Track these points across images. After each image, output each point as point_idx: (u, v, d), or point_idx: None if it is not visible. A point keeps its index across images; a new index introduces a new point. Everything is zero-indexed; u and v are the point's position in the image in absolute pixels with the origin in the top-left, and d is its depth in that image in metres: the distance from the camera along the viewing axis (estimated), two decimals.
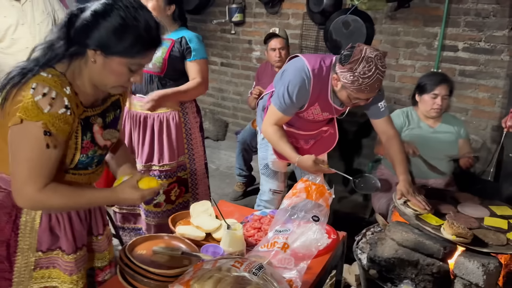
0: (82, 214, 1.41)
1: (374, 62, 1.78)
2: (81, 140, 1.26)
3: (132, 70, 1.22)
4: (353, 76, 1.79)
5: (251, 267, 1.20)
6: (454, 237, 1.72)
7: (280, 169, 2.40)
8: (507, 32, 2.95)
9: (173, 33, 2.30)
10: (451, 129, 2.56)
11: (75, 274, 1.37)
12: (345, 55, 1.84)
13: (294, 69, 2.00)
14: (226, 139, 4.75)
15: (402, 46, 3.39)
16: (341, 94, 1.95)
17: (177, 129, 2.39)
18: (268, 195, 2.43)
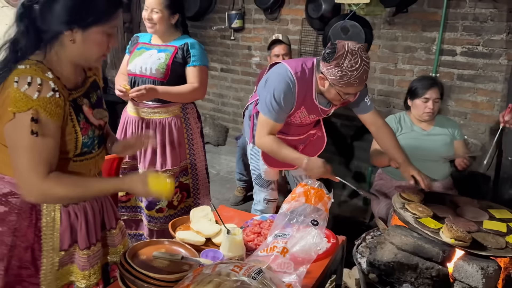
0: (96, 208, 1.42)
1: (359, 54, 1.80)
2: (77, 122, 1.27)
3: (109, 35, 1.24)
4: (341, 71, 1.80)
5: (250, 271, 1.21)
6: (453, 240, 1.73)
7: (273, 177, 2.41)
8: (505, 36, 2.97)
9: (176, 40, 2.34)
10: (445, 131, 2.58)
11: (87, 270, 1.39)
12: (328, 53, 1.85)
13: (277, 75, 2.00)
14: (227, 144, 4.77)
15: (400, 51, 3.41)
16: (329, 93, 1.96)
17: (179, 134, 2.41)
18: (262, 204, 2.44)
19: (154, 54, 2.32)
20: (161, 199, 2.38)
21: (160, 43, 2.34)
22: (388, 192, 2.54)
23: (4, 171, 1.26)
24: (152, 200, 2.40)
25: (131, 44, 2.46)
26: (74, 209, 1.34)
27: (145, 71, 2.31)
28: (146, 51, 2.35)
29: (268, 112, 2.01)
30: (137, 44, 2.40)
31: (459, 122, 3.23)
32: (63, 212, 1.32)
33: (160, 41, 2.35)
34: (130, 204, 2.52)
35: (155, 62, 2.30)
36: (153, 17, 2.27)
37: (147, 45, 2.38)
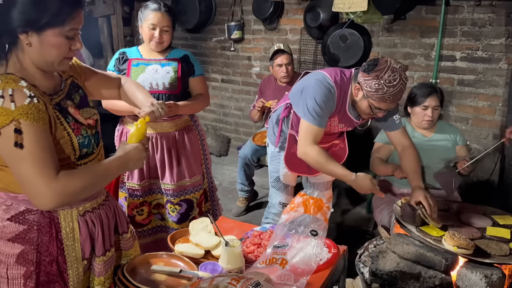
0: (110, 214, 1.42)
1: (399, 72, 1.83)
2: (67, 123, 1.25)
3: (69, 38, 1.20)
4: (378, 84, 1.82)
5: (247, 284, 1.20)
6: (456, 248, 1.70)
7: (291, 182, 2.42)
8: (504, 41, 2.96)
9: (172, 52, 2.34)
10: (447, 137, 2.57)
11: (102, 276, 1.38)
12: (369, 65, 1.88)
13: (315, 81, 2.01)
14: (229, 155, 4.77)
15: (400, 58, 3.40)
16: (361, 103, 1.97)
17: (195, 140, 2.45)
18: (277, 208, 2.43)
19: (159, 68, 2.29)
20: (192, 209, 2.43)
21: (157, 57, 2.31)
22: (391, 200, 2.51)
23: (17, 190, 1.24)
24: (183, 212, 2.40)
25: (119, 61, 2.33)
26: (91, 217, 1.34)
27: (156, 87, 2.28)
28: (147, 66, 2.30)
29: (311, 118, 2.00)
30: (129, 61, 2.30)
31: (460, 127, 3.21)
32: (80, 221, 1.32)
33: (155, 55, 2.31)
34: (151, 225, 2.49)
35: (165, 76, 2.28)
36: (164, 37, 2.24)
37: (143, 60, 2.31)
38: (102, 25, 4.83)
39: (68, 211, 1.29)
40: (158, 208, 2.47)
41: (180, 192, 2.39)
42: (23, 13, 1.14)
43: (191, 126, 2.45)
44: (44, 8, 1.14)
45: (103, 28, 4.82)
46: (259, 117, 3.34)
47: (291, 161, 2.26)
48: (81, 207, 1.32)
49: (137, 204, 2.38)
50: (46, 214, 1.26)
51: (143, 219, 2.43)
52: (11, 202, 1.26)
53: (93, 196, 1.36)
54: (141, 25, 2.25)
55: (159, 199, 2.45)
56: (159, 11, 2.19)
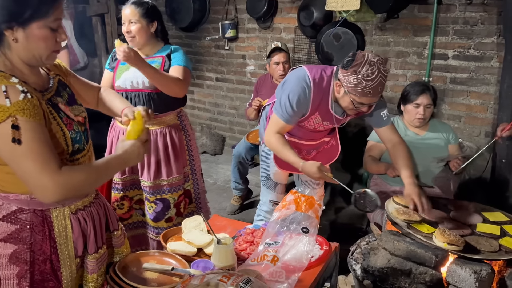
0: (101, 211, 1.43)
1: (377, 65, 1.82)
2: (60, 118, 1.26)
3: (53, 29, 1.20)
4: (357, 79, 1.83)
5: (238, 281, 1.21)
6: (446, 244, 1.72)
7: (281, 180, 2.42)
8: (496, 39, 2.98)
9: (161, 51, 2.33)
10: (439, 136, 2.59)
11: (95, 273, 1.39)
12: (347, 61, 1.88)
13: (295, 78, 2.03)
14: (224, 153, 4.77)
15: (393, 56, 3.42)
16: (343, 100, 1.97)
17: (180, 142, 2.42)
18: (268, 206, 2.45)
19: None
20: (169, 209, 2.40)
21: (144, 55, 2.29)
22: (383, 198, 2.52)
23: (8, 189, 1.25)
24: (159, 211, 2.39)
25: (111, 59, 2.39)
26: (83, 215, 1.35)
27: (137, 85, 2.28)
28: None
29: (280, 112, 2.05)
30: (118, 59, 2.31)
31: (453, 125, 3.23)
32: (73, 219, 1.32)
33: (143, 54, 2.29)
34: (132, 220, 2.50)
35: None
36: (132, 30, 2.22)
37: None
38: (96, 24, 4.81)
39: (61, 209, 1.30)
40: (140, 204, 2.48)
41: (156, 190, 2.37)
42: (6, 8, 1.14)
43: (177, 125, 2.42)
44: (26, 1, 1.14)
45: (97, 27, 4.80)
46: (255, 115, 3.34)
47: (279, 159, 2.25)
48: (73, 205, 1.33)
49: (117, 198, 2.39)
50: (38, 213, 1.27)
51: (123, 213, 2.44)
52: (2, 202, 1.26)
53: (84, 194, 1.37)
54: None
55: (141, 195, 2.45)
56: (127, 6, 2.24)
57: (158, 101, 2.29)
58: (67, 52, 3.74)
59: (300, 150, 2.31)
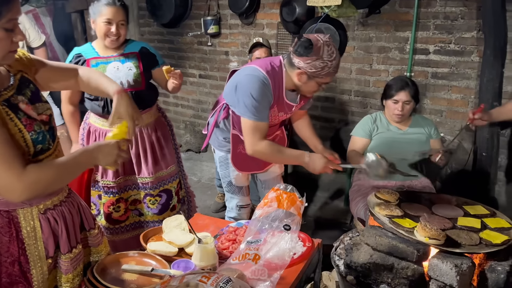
0: (74, 210, 1.40)
1: (331, 44, 1.90)
2: (18, 119, 1.22)
3: (8, 30, 1.16)
4: (322, 62, 1.87)
5: (218, 281, 1.19)
6: (427, 239, 1.73)
7: (244, 183, 2.40)
8: (476, 34, 3.01)
9: (128, 46, 2.30)
10: (421, 131, 2.61)
11: (70, 273, 1.37)
12: (304, 47, 1.87)
13: (249, 77, 1.99)
14: (208, 151, 4.73)
15: (375, 52, 3.43)
16: (308, 85, 1.99)
17: (166, 130, 2.47)
18: (235, 211, 2.44)
19: (120, 66, 2.24)
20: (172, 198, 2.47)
21: (114, 54, 2.25)
22: (366, 193, 2.54)
23: None
24: (164, 202, 2.44)
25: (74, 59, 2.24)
26: (53, 214, 1.32)
27: (121, 85, 2.25)
28: (107, 65, 2.24)
29: (252, 115, 1.98)
30: (86, 62, 2.22)
31: (435, 120, 3.26)
32: (42, 219, 1.29)
33: (111, 52, 2.25)
34: (129, 221, 2.48)
35: (127, 73, 2.25)
36: (121, 32, 2.18)
37: (101, 59, 2.24)
38: (76, 21, 4.73)
39: (28, 209, 1.26)
40: (135, 204, 2.46)
41: (159, 183, 2.41)
42: None
43: (160, 117, 2.46)
44: None
45: (77, 23, 4.73)
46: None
47: (238, 161, 2.25)
48: (42, 204, 1.29)
49: (113, 201, 2.36)
50: (4, 214, 1.23)
51: (120, 215, 2.42)
52: None
53: (55, 193, 1.34)
54: (94, 20, 2.17)
55: (135, 195, 2.44)
56: (114, 5, 2.13)
57: (143, 98, 2.31)
58: (45, 49, 3.66)
59: None
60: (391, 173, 2.04)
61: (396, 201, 2.10)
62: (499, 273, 1.74)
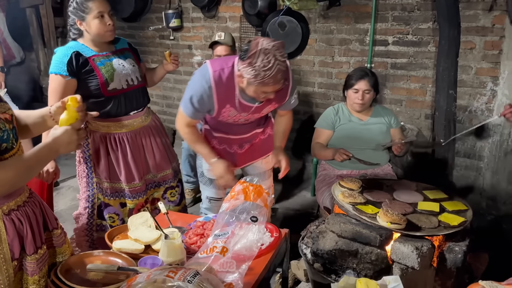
0: (37, 211, 1.38)
1: (272, 53, 1.72)
2: None
3: None
4: (254, 70, 1.74)
5: (185, 275, 1.19)
6: (389, 224, 1.79)
7: None
8: (431, 25, 3.11)
9: (118, 43, 2.28)
10: (382, 120, 2.68)
11: (36, 274, 1.34)
12: (244, 51, 1.78)
13: (198, 75, 1.98)
14: (175, 147, 4.66)
15: (336, 44, 3.49)
16: (248, 90, 1.89)
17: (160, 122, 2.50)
18: (206, 203, 2.44)
19: (123, 62, 2.21)
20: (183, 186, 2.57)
21: (110, 50, 2.21)
22: (332, 182, 2.59)
23: None
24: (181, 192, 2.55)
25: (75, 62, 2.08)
26: (17, 215, 1.29)
27: (132, 82, 2.21)
28: (111, 62, 2.17)
29: (185, 109, 2.03)
30: (89, 60, 2.11)
31: (395, 109, 3.36)
32: (6, 221, 1.26)
33: (106, 48, 2.20)
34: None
35: (133, 70, 2.23)
36: (113, 22, 2.14)
37: (102, 56, 2.17)
38: (31, 16, 4.54)
39: None
40: (154, 203, 2.47)
41: (175, 174, 2.50)
42: None
43: (151, 110, 2.47)
44: None
45: (32, 19, 4.54)
46: None
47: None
48: (5, 206, 1.26)
49: (142, 203, 2.35)
50: None
51: None
52: None
53: (16, 193, 1.30)
54: (86, 21, 2.08)
55: (153, 194, 2.46)
56: None
57: (146, 93, 2.38)
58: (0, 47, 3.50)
59: (231, 144, 2.28)
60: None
61: (359, 189, 2.16)
62: (456, 253, 1.83)
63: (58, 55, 2.09)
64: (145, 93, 2.37)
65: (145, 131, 2.34)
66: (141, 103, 2.31)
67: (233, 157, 2.27)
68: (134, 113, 2.28)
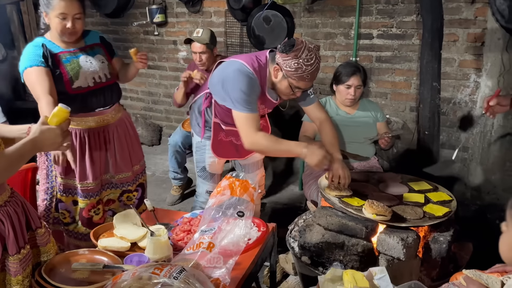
0: (19, 210, 1.36)
1: (314, 52, 1.91)
2: None
3: None
4: (297, 63, 1.88)
5: (171, 272, 1.19)
6: (375, 215, 1.81)
7: (217, 170, 2.41)
8: (415, 18, 3.14)
9: (89, 37, 2.21)
10: (368, 114, 2.70)
11: (19, 274, 1.32)
12: (286, 45, 1.92)
13: (235, 72, 1.98)
14: (162, 144, 4.66)
15: (321, 38, 3.49)
16: (281, 84, 2.01)
17: (130, 122, 2.43)
18: (205, 196, 2.44)
19: (91, 59, 2.14)
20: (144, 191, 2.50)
21: (78, 46, 2.14)
22: (319, 176, 2.60)
23: None
24: (140, 196, 2.45)
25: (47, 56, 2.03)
26: None
27: (100, 80, 2.14)
28: (77, 59, 2.11)
29: (244, 108, 1.97)
30: (55, 57, 2.05)
31: (380, 102, 3.39)
32: None
33: (73, 44, 2.12)
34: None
35: (102, 66, 2.16)
36: (76, 26, 2.02)
37: (69, 53, 2.10)
38: (11, 13, 4.46)
39: None
40: (109, 204, 2.39)
41: (136, 177, 2.42)
42: None
43: (121, 108, 2.40)
44: None
45: (13, 16, 4.45)
46: (183, 98, 3.00)
47: (218, 148, 2.27)
48: None
49: (94, 204, 2.28)
50: None
51: (100, 218, 2.33)
52: None
53: None
54: (47, 14, 2.00)
55: (109, 195, 2.37)
56: None
57: (116, 90, 2.31)
58: None
59: (237, 137, 2.27)
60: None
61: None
62: (441, 243, 1.85)
63: (28, 50, 2.03)
64: (115, 90, 2.28)
65: (110, 129, 2.25)
66: (109, 100, 2.23)
67: (238, 149, 2.28)
68: (100, 110, 2.20)
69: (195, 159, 2.43)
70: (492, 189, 3.13)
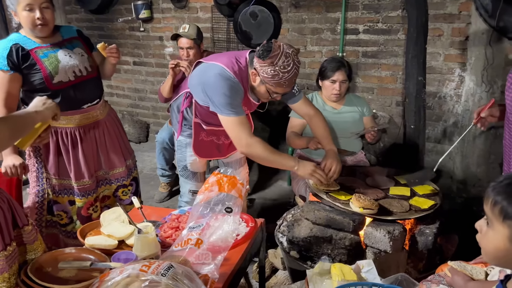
0: (5, 207, 1.34)
1: (292, 57, 1.86)
2: None
3: None
4: (274, 70, 1.84)
5: (159, 269, 1.18)
6: (362, 209, 1.83)
7: (199, 169, 2.40)
8: (401, 12, 3.16)
9: (64, 31, 2.16)
10: (355, 109, 2.71)
11: (6, 272, 1.31)
12: (263, 50, 1.87)
13: (216, 76, 1.95)
14: (149, 141, 4.63)
15: (308, 33, 3.50)
16: (259, 88, 1.99)
17: (116, 118, 2.42)
18: (188, 196, 2.42)
19: (69, 53, 2.10)
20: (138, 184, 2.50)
21: (56, 41, 2.10)
22: None
23: None
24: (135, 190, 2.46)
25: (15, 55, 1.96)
26: None
27: (80, 73, 2.10)
28: (56, 53, 2.06)
29: (231, 112, 1.95)
30: (30, 53, 2.00)
31: (367, 97, 3.41)
32: None
33: (50, 39, 2.08)
34: None
35: (82, 59, 2.12)
36: (46, 16, 1.97)
37: (46, 48, 2.05)
38: None
39: None
40: (104, 201, 2.39)
41: (129, 172, 2.41)
42: None
43: (107, 104, 2.38)
44: None
45: None
46: (170, 91, 2.87)
47: (200, 148, 2.25)
48: None
49: (91, 202, 2.27)
50: None
51: (98, 215, 2.28)
52: None
53: None
54: (15, 12, 1.96)
55: (104, 191, 2.37)
56: None
57: (98, 85, 2.27)
58: None
59: (219, 136, 2.29)
60: None
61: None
62: (427, 235, 1.88)
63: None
64: (98, 84, 2.25)
65: (99, 125, 2.24)
66: (94, 94, 2.20)
67: (219, 148, 2.29)
68: (88, 106, 2.17)
69: (176, 158, 2.42)
70: (478, 181, 3.18)
